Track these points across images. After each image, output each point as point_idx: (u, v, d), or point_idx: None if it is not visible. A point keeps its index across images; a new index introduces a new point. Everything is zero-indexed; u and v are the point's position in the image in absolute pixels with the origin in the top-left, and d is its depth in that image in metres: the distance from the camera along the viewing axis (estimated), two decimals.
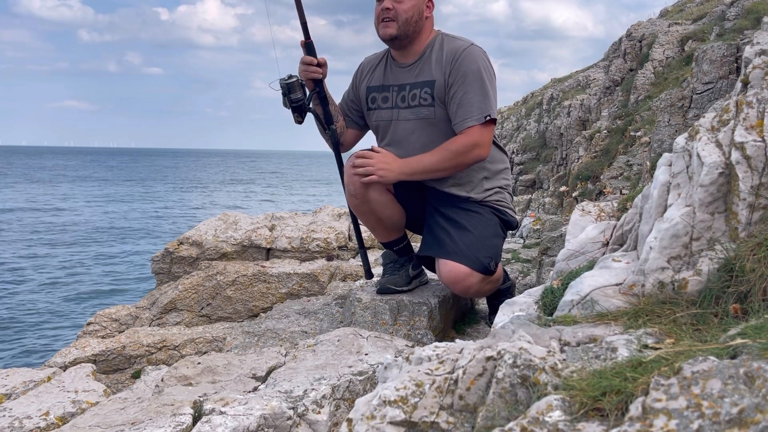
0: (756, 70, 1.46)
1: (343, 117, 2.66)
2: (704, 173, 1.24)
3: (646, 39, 8.21)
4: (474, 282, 2.33)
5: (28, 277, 14.10)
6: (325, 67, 2.52)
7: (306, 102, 2.54)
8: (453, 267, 2.30)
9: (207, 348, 3.15)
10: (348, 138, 2.69)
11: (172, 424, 1.53)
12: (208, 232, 3.99)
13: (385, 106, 2.52)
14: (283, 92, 2.53)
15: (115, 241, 20.05)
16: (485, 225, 2.42)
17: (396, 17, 2.34)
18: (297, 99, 2.52)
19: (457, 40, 2.41)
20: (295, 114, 2.56)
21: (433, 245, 2.42)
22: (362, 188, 2.44)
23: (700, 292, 1.19)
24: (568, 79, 13.71)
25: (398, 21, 2.34)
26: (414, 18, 2.35)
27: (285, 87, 2.52)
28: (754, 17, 5.36)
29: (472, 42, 2.39)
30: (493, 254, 2.39)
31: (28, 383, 2.33)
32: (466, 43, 2.39)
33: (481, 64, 2.34)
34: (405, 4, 2.34)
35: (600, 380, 0.85)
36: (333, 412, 1.67)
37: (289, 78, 2.53)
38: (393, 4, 2.34)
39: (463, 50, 2.36)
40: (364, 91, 2.59)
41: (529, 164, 10.70)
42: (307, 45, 2.49)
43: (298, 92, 2.53)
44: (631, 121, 6.57)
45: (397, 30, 2.35)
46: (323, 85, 2.54)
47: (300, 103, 2.53)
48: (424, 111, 2.41)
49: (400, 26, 2.35)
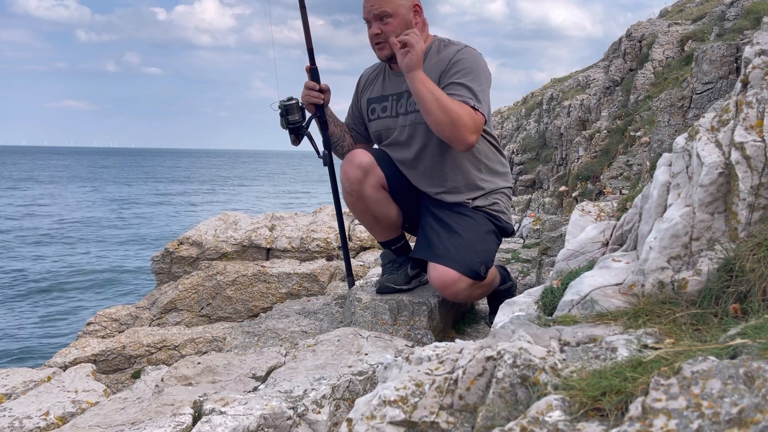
0: (756, 70, 1.46)
1: (350, 134, 2.71)
2: (704, 173, 1.24)
3: (645, 39, 8.21)
4: (462, 287, 2.30)
5: (27, 277, 14.10)
6: (328, 93, 2.57)
7: (304, 125, 2.60)
8: (442, 271, 2.29)
9: (207, 348, 3.15)
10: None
11: (172, 424, 1.53)
12: (208, 232, 3.99)
13: (384, 115, 2.55)
14: (281, 113, 2.59)
15: (115, 241, 20.05)
16: (477, 229, 2.41)
17: (386, 39, 2.38)
18: (294, 121, 2.58)
19: (452, 45, 2.44)
20: (292, 136, 2.62)
21: (424, 247, 2.42)
22: (357, 185, 2.45)
23: (700, 292, 1.19)
24: (567, 79, 13.71)
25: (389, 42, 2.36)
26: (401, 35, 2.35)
27: (283, 108, 2.58)
28: (754, 17, 5.36)
29: (467, 46, 2.42)
30: (484, 259, 2.37)
31: (28, 383, 2.33)
32: (461, 45, 2.42)
33: (475, 62, 2.36)
34: (390, 25, 2.37)
35: (600, 380, 0.85)
36: (333, 412, 1.67)
37: (288, 100, 2.59)
38: (380, 28, 2.38)
39: (458, 51, 2.38)
40: (365, 104, 2.63)
41: (529, 164, 10.70)
42: (312, 71, 2.56)
43: (296, 114, 2.59)
44: (631, 121, 6.57)
45: (390, 51, 2.39)
46: (325, 111, 2.58)
47: (297, 125, 2.59)
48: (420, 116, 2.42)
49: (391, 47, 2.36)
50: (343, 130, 2.69)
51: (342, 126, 2.70)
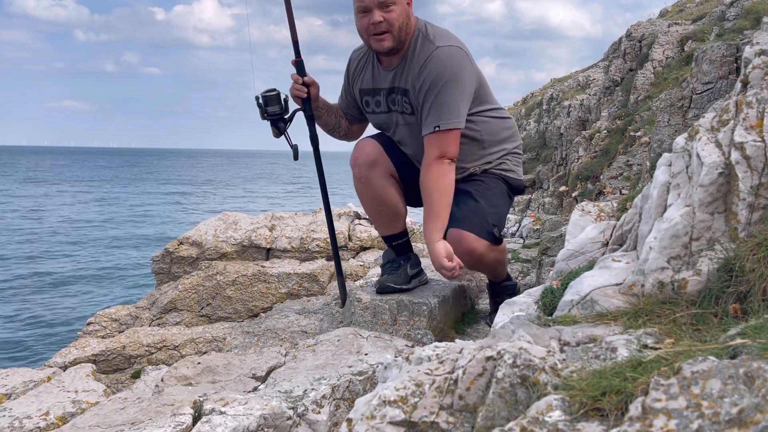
0: (755, 70, 1.46)
1: (344, 118, 2.70)
2: (704, 173, 1.24)
3: (645, 39, 8.21)
4: (479, 248, 2.38)
5: (27, 277, 14.10)
6: (315, 87, 2.55)
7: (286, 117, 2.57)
8: (458, 234, 2.36)
9: (207, 348, 3.15)
10: (355, 133, 2.75)
11: (172, 424, 1.53)
12: (208, 232, 3.99)
13: (379, 110, 2.55)
14: (258, 104, 2.56)
15: (115, 241, 20.05)
16: (488, 193, 2.48)
17: (390, 28, 2.27)
18: (273, 113, 2.56)
19: (427, 41, 2.34)
20: (273, 128, 2.59)
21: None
22: (367, 171, 2.49)
23: (700, 292, 1.19)
24: (567, 79, 13.71)
25: (393, 31, 2.27)
26: (404, 22, 2.31)
27: (263, 99, 2.55)
28: (753, 17, 5.36)
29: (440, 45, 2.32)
30: (497, 221, 2.46)
31: (28, 383, 2.33)
32: (434, 46, 2.32)
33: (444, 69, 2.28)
34: (394, 11, 2.26)
35: (600, 380, 0.85)
36: (333, 412, 1.67)
37: (268, 91, 2.56)
38: (383, 15, 2.25)
39: (428, 57, 2.30)
40: (359, 94, 2.60)
41: (529, 164, 10.69)
42: (297, 63, 2.54)
43: (276, 106, 2.56)
44: (630, 121, 6.57)
45: (393, 41, 2.30)
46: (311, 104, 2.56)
47: (276, 116, 2.56)
48: (409, 118, 2.45)
49: (395, 36, 2.29)
50: (338, 116, 2.68)
51: (336, 112, 2.68)
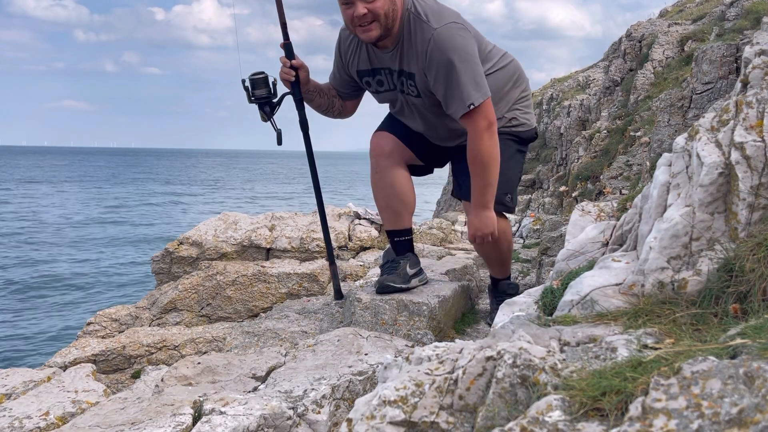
0: (756, 70, 1.46)
1: (337, 97, 2.66)
2: (704, 173, 1.24)
3: (645, 39, 8.22)
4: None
5: (27, 277, 14.10)
6: (303, 70, 2.53)
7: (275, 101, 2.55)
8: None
9: (207, 348, 3.15)
10: (349, 109, 2.74)
11: (172, 424, 1.53)
12: (208, 232, 3.99)
13: (382, 90, 2.52)
14: (245, 87, 2.53)
15: (115, 241, 20.05)
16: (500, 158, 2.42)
17: (376, 18, 2.23)
18: (260, 96, 2.53)
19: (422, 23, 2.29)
20: (260, 111, 2.56)
21: (455, 189, 2.66)
22: (384, 161, 2.56)
23: (700, 292, 1.19)
24: (567, 79, 13.70)
25: (379, 21, 2.24)
26: (390, 8, 2.25)
27: (249, 82, 2.52)
28: (753, 17, 5.36)
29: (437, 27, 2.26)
30: (508, 189, 2.56)
31: (28, 383, 2.33)
32: (431, 28, 2.27)
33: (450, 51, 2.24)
34: (378, 1, 2.21)
35: (600, 380, 0.85)
36: (333, 412, 1.67)
37: (255, 74, 2.52)
38: (367, 7, 2.21)
39: (429, 41, 2.25)
40: (356, 75, 2.56)
41: (529, 164, 10.69)
42: (286, 47, 2.52)
43: (263, 89, 2.52)
44: (630, 121, 6.58)
45: (380, 30, 2.26)
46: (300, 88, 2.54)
47: (264, 100, 2.53)
48: (415, 100, 2.45)
49: (381, 25, 2.25)
50: (330, 96, 2.65)
51: (328, 92, 2.64)
